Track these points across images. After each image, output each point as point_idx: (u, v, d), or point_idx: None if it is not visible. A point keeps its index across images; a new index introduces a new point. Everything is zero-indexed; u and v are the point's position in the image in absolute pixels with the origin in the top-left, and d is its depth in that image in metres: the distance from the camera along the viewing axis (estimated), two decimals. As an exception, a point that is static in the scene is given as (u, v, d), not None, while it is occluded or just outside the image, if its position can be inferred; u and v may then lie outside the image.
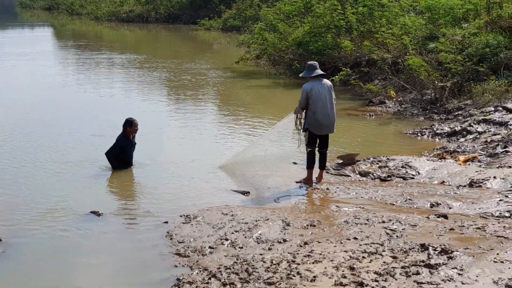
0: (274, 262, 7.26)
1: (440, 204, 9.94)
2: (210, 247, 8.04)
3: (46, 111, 19.04)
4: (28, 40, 49.57)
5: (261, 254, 7.61)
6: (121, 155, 12.27)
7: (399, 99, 20.26)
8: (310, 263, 7.13)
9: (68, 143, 14.61)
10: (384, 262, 7.00)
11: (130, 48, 43.68)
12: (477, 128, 15.33)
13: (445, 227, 8.33)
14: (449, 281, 6.24)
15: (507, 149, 13.08)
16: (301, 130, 11.72)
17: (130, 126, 12.36)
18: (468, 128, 15.43)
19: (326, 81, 11.53)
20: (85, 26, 68.40)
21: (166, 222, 9.26)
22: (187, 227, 8.94)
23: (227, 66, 32.19)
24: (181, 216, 9.51)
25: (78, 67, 31.73)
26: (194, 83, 26.35)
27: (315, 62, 11.74)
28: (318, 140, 11.56)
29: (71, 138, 15.13)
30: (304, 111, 11.49)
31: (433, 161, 12.79)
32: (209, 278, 6.92)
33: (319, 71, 11.45)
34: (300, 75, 11.92)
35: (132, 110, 15.31)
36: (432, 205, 9.92)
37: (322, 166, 11.71)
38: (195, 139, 15.67)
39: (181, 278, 7.08)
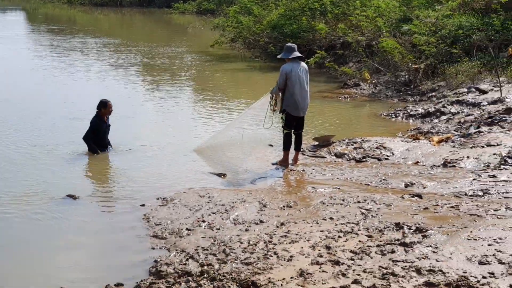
0: (251, 242, 7.30)
1: (415, 184, 10.04)
2: (187, 229, 8.05)
3: (21, 95, 18.85)
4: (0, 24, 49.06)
5: (238, 235, 7.65)
6: (96, 137, 12.20)
7: (373, 81, 20.39)
8: (287, 243, 7.17)
9: (44, 126, 14.49)
10: (359, 241, 7.07)
11: (104, 32, 43.39)
12: (450, 109, 15.48)
13: (419, 206, 8.43)
14: (423, 258, 6.31)
15: (480, 129, 13.23)
16: (277, 112, 11.74)
17: (104, 107, 12.30)
18: (442, 109, 15.58)
19: (303, 64, 11.58)
20: (58, 10, 67.84)
21: (143, 205, 9.24)
22: (164, 210, 8.95)
23: (202, 49, 32.11)
24: (158, 198, 9.51)
25: (52, 51, 31.49)
26: (169, 66, 26.27)
27: (293, 44, 11.76)
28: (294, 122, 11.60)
29: (47, 122, 15.00)
30: (280, 93, 11.52)
31: (407, 142, 12.91)
32: (187, 260, 6.94)
33: (297, 53, 11.49)
34: (278, 56, 11.96)
35: (108, 94, 15.20)
36: (406, 185, 10.02)
37: (298, 148, 11.76)
38: (171, 122, 15.64)
39: (158, 260, 7.09)
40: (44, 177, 10.86)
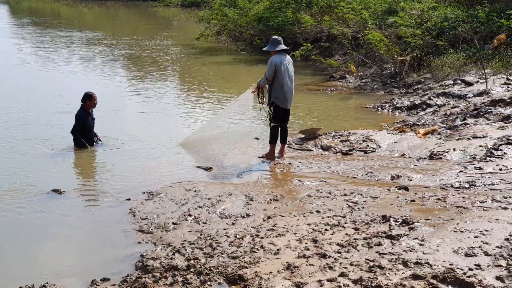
0: (238, 236, 7.28)
1: (401, 176, 10.05)
2: (173, 223, 8.02)
3: (5, 88, 18.74)
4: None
5: (225, 229, 7.62)
6: (82, 131, 12.13)
7: (359, 74, 20.42)
8: (273, 237, 7.16)
9: (29, 120, 14.42)
10: (346, 234, 7.07)
11: (89, 26, 43.24)
12: (436, 101, 15.51)
13: (406, 199, 8.43)
14: (410, 251, 6.31)
15: (466, 121, 13.26)
16: (265, 104, 11.72)
17: (89, 99, 12.25)
18: (428, 101, 15.62)
19: (289, 57, 11.58)
20: (42, 3, 67.45)
21: (129, 199, 9.19)
22: (150, 204, 8.91)
23: (188, 42, 32.06)
24: (143, 193, 9.46)
25: (37, 44, 31.31)
26: (155, 60, 26.19)
27: (279, 37, 11.75)
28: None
29: (33, 116, 14.92)
30: (267, 85, 11.50)
31: (394, 134, 12.93)
32: (173, 254, 6.91)
33: (283, 46, 11.49)
34: (264, 48, 11.94)
35: (94, 87, 15.06)
36: (393, 178, 10.02)
37: (284, 141, 11.73)
38: (157, 116, 15.58)
39: (145, 254, 7.05)
40: (29, 172, 10.78)
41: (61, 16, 54.87)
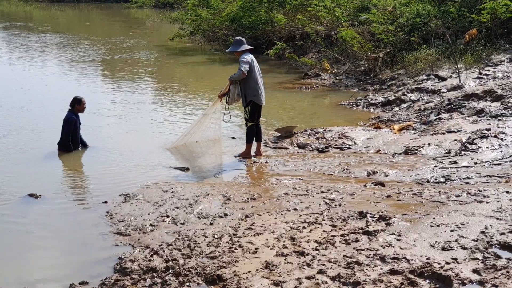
0: (216, 236, 7.27)
1: (377, 172, 10.11)
2: (151, 225, 7.99)
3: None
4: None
5: (203, 229, 7.60)
6: (72, 135, 12.06)
7: (333, 71, 20.49)
8: (251, 236, 7.15)
9: (5, 125, 14.28)
10: (324, 231, 7.08)
11: (62, 29, 42.89)
12: (410, 96, 15.61)
13: (382, 195, 8.46)
14: (387, 246, 6.34)
15: (440, 116, 13.36)
16: (234, 103, 11.74)
17: (78, 103, 12.21)
18: (402, 97, 15.71)
19: (252, 56, 11.62)
20: (14, 7, 66.82)
21: (105, 202, 9.14)
22: (127, 206, 8.86)
23: (162, 43, 31.97)
24: (120, 195, 9.40)
25: (10, 48, 31.00)
26: (130, 61, 26.07)
27: (241, 38, 11.82)
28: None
29: (9, 119, 14.80)
30: (237, 85, 11.51)
31: (369, 130, 13.01)
32: (151, 256, 6.88)
33: (247, 46, 11.53)
34: (227, 50, 12.00)
35: (68, 89, 14.98)
36: (369, 174, 10.07)
37: (260, 139, 11.75)
38: (132, 118, 15.48)
39: (123, 256, 7.01)
40: (4, 176, 10.68)
41: (34, 19, 54.38)
